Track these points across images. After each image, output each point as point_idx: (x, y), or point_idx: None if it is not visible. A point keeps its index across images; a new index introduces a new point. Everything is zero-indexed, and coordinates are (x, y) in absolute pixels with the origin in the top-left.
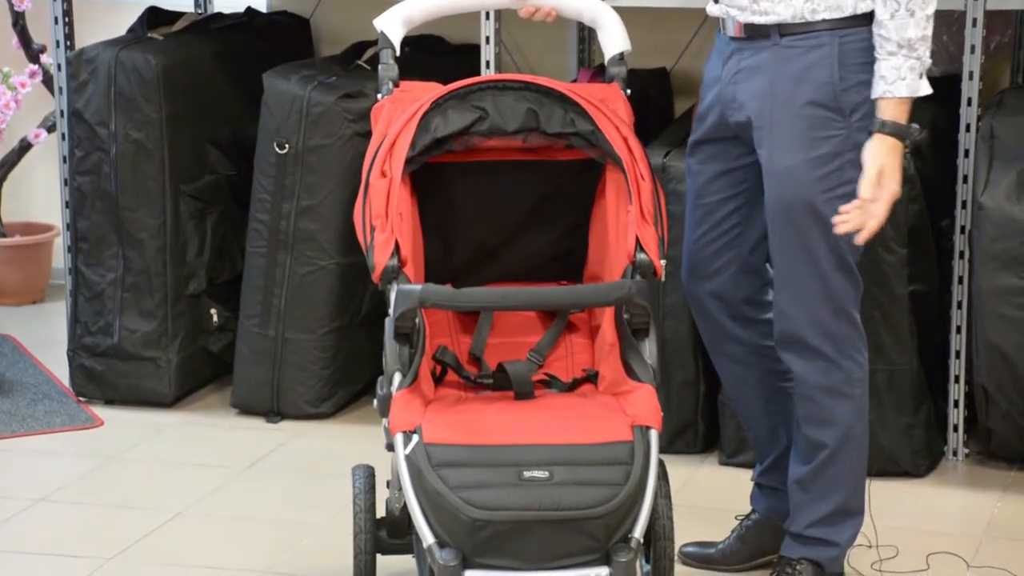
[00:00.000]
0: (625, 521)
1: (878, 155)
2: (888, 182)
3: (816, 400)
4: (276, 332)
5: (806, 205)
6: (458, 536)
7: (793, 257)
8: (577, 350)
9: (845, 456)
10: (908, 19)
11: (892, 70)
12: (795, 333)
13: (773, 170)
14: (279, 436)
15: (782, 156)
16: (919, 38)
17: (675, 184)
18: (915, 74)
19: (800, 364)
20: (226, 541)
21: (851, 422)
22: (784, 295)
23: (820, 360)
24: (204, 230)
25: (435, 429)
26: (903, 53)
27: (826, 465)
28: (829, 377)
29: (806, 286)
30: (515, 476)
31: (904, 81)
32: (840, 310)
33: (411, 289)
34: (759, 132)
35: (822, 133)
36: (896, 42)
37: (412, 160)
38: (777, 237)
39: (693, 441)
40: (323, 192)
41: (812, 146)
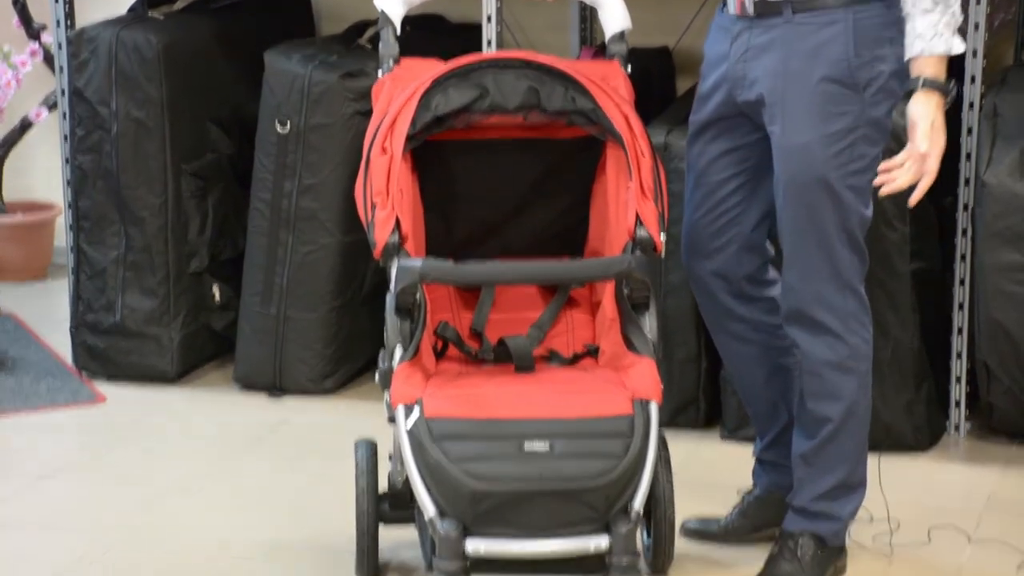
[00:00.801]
0: (625, 492)
1: (927, 110)
2: (938, 136)
3: (822, 375)
4: (278, 310)
5: (819, 181)
6: (459, 507)
7: (803, 233)
8: (578, 325)
9: (849, 430)
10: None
11: (929, 27)
12: (802, 309)
13: (786, 147)
14: (282, 413)
15: (796, 133)
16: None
17: (677, 162)
18: (950, 31)
19: (807, 339)
20: (229, 517)
21: (856, 397)
22: (792, 271)
23: (827, 335)
24: (205, 209)
25: (436, 402)
26: (939, 9)
27: (830, 439)
28: (835, 352)
29: (815, 262)
30: (516, 448)
31: (942, 37)
32: (847, 286)
33: (412, 264)
34: (771, 109)
35: (837, 109)
36: None
37: (413, 137)
38: (787, 214)
39: (695, 417)
40: (324, 171)
41: (827, 122)
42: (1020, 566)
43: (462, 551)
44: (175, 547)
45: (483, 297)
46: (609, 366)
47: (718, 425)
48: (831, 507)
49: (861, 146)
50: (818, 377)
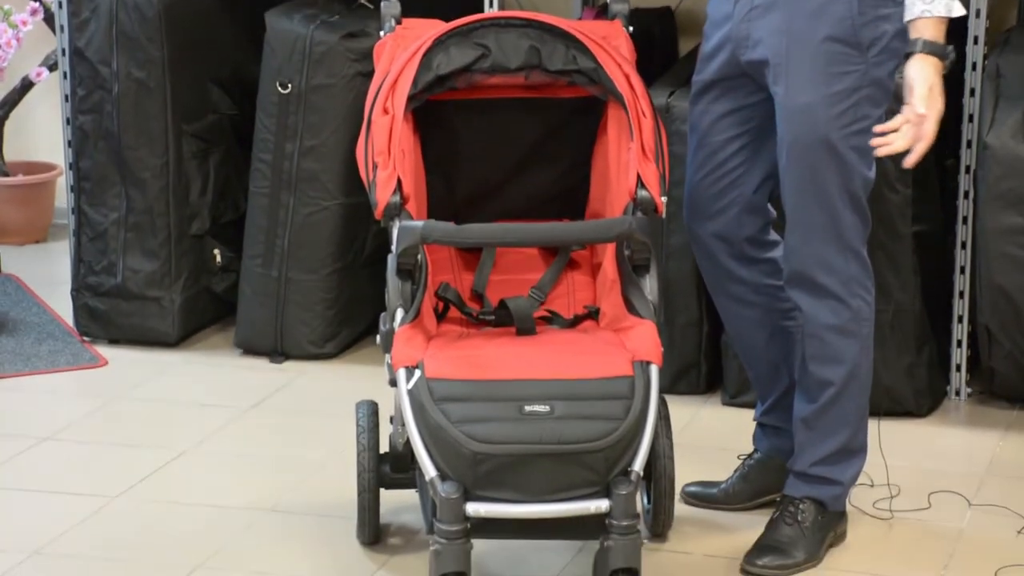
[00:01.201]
0: (625, 454)
1: (925, 74)
2: (936, 100)
3: (823, 338)
4: (279, 272)
5: (822, 142)
6: (460, 469)
7: (805, 195)
8: (578, 287)
9: (850, 394)
10: None
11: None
12: (804, 271)
13: (790, 107)
14: (283, 376)
15: (799, 93)
16: None
17: (679, 124)
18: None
19: (808, 302)
20: (231, 480)
21: (858, 361)
22: (795, 233)
23: (829, 298)
24: (207, 170)
25: (437, 364)
26: None
27: (832, 404)
28: (837, 316)
29: (817, 224)
30: (516, 410)
31: (942, 0)
32: (849, 248)
33: (413, 225)
34: (775, 69)
35: (840, 69)
36: None
37: (414, 97)
38: (790, 175)
39: (696, 382)
40: (326, 132)
41: (830, 82)
42: (1021, 531)
43: (463, 513)
44: (176, 510)
45: (484, 259)
46: (609, 328)
47: (719, 390)
48: (832, 471)
49: (864, 106)
50: (819, 340)
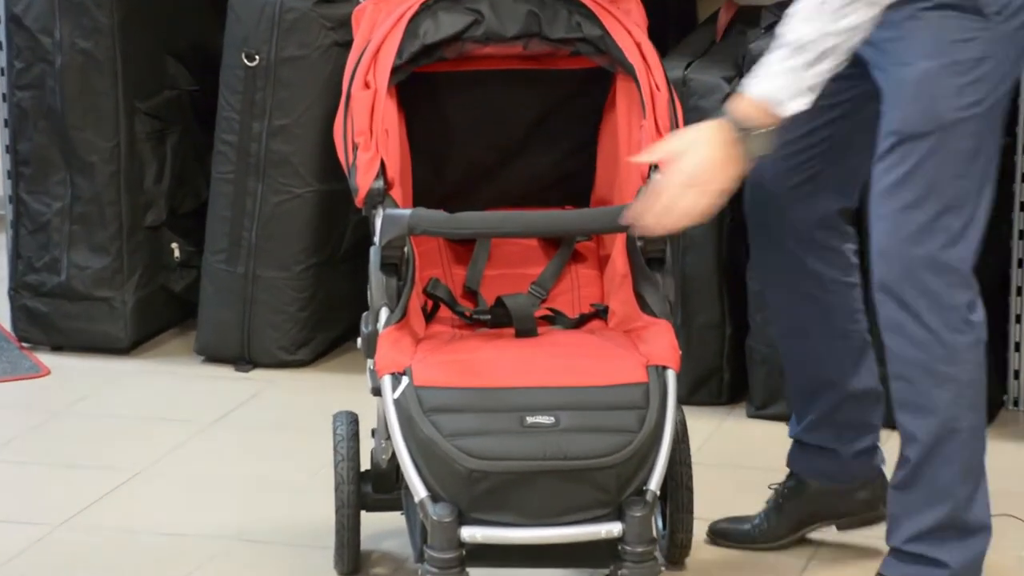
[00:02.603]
0: (639, 472)
1: (693, 132)
2: (679, 172)
3: (909, 379)
4: (246, 269)
5: (931, 123)
6: (454, 489)
7: (904, 187)
8: (584, 282)
9: (947, 455)
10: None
11: (765, 63)
12: (890, 284)
13: (893, 82)
14: (250, 386)
15: (905, 66)
16: (808, 43)
17: (697, 99)
18: (791, 86)
19: (892, 327)
20: (190, 504)
21: (954, 412)
22: (885, 234)
23: (917, 326)
24: (163, 153)
25: (427, 370)
26: (789, 52)
27: (922, 465)
28: (926, 351)
29: (914, 227)
30: (517, 422)
31: (771, 80)
32: (952, 264)
33: (399, 214)
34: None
35: (956, 36)
36: (790, 34)
37: (399, 69)
38: (886, 162)
39: (717, 390)
40: (298, 109)
41: (943, 53)
42: None
43: (457, 538)
44: (128, 540)
45: (478, 251)
46: (620, 328)
47: (744, 401)
48: (933, 550)
49: (988, 82)
50: (903, 381)
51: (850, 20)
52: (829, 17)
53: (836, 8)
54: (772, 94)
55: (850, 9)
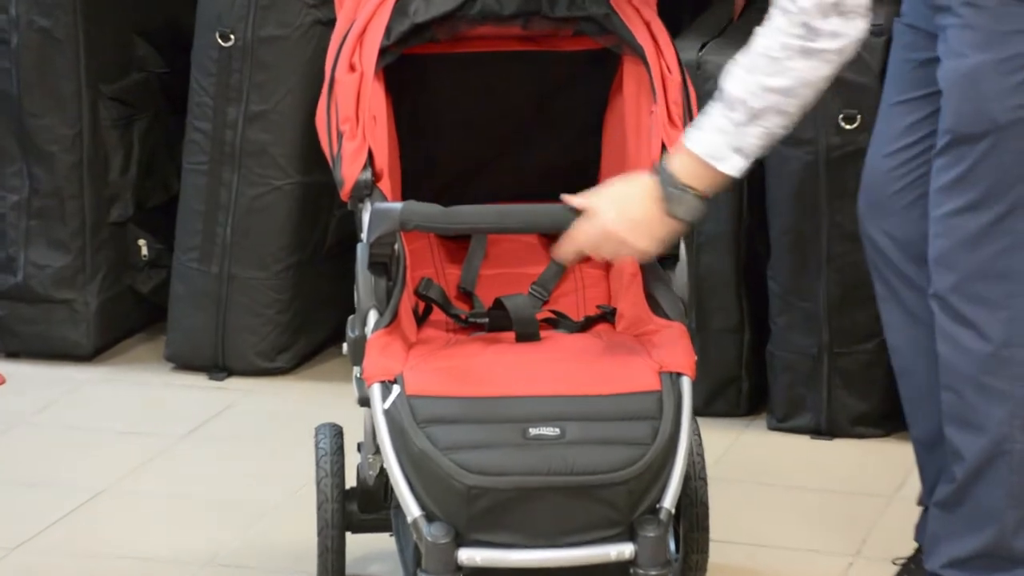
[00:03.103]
0: (653, 488)
1: (621, 184)
2: (600, 223)
3: (959, 392)
4: (220, 268)
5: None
6: (450, 507)
7: (959, 189)
8: (590, 282)
9: (995, 477)
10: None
11: (703, 114)
12: (944, 294)
13: (948, 75)
14: (225, 396)
15: (959, 57)
16: (739, 100)
17: (712, 83)
18: (723, 137)
19: (944, 336)
20: (159, 526)
21: (1007, 432)
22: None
23: (972, 337)
24: (130, 141)
25: (420, 378)
26: (722, 106)
27: (968, 485)
28: (980, 363)
29: (970, 232)
30: (519, 434)
31: (704, 134)
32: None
33: (389, 208)
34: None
35: (1014, 27)
36: (726, 87)
37: (387, 51)
38: (942, 160)
39: (735, 400)
40: (278, 94)
41: (999, 45)
42: None
43: (454, 562)
44: (91, 565)
45: (473, 249)
46: (629, 332)
47: (764, 412)
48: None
49: None
50: (953, 394)
51: (786, 79)
52: (763, 72)
53: (769, 63)
54: (708, 150)
55: (784, 66)
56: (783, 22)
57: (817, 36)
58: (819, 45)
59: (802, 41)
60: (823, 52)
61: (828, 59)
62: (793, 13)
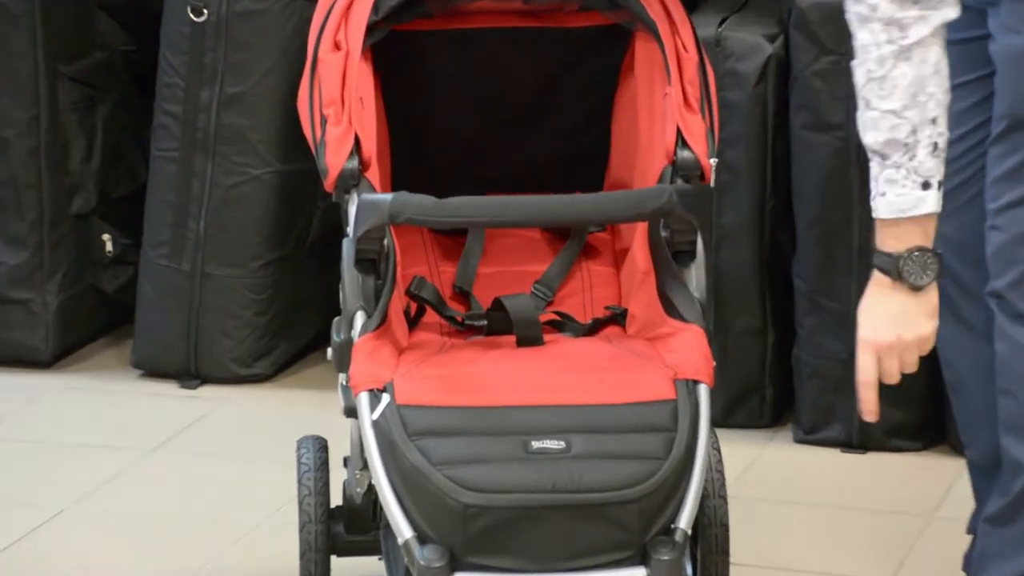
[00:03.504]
0: (667, 507)
1: (862, 307)
2: (869, 347)
3: (1018, 396)
4: (193, 266)
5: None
6: (445, 528)
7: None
8: (598, 281)
9: None
10: (864, 113)
11: (871, 181)
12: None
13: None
14: (198, 406)
15: (1016, 34)
16: (884, 143)
17: (733, 62)
18: (899, 187)
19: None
20: (126, 548)
21: None
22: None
23: None
24: (93, 126)
25: (412, 386)
26: (877, 160)
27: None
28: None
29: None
30: (520, 447)
31: (883, 197)
32: None
33: (378, 199)
34: None
35: None
36: (865, 144)
37: (375, 27)
38: (998, 148)
39: (758, 410)
40: (256, 74)
41: None
42: None
43: None
44: None
45: (470, 245)
46: (642, 335)
47: (790, 422)
48: None
49: None
50: (1011, 398)
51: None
52: (880, 98)
53: (879, 86)
54: (899, 206)
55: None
56: (866, 35)
57: (906, 30)
58: (911, 38)
59: (893, 44)
60: (920, 43)
61: (928, 44)
62: (872, 19)
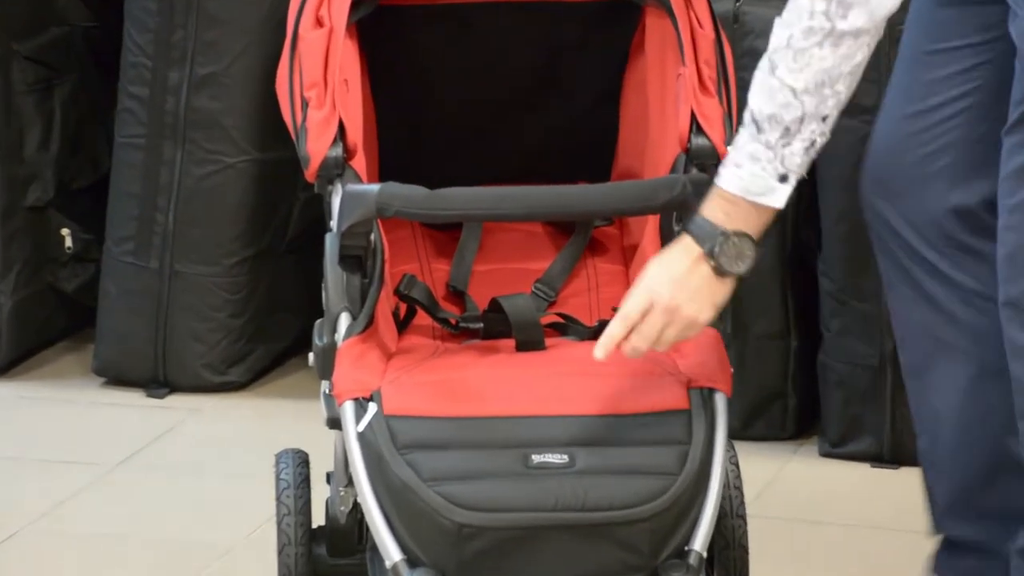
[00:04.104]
0: (680, 527)
1: (657, 260)
2: (645, 303)
3: None
4: (161, 263)
5: None
6: (438, 550)
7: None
8: (605, 280)
9: None
10: (764, 77)
11: (733, 147)
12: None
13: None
14: (166, 417)
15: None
16: (768, 117)
17: (752, 39)
18: (759, 167)
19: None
20: (87, 572)
21: None
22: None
23: None
24: (50, 110)
25: (401, 395)
26: (751, 129)
27: None
28: None
29: None
30: (519, 462)
31: (738, 170)
32: None
33: (365, 190)
34: None
35: None
36: (749, 107)
37: (361, 2)
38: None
39: (780, 421)
40: (230, 54)
41: None
42: None
43: None
44: None
45: (465, 240)
46: None
47: (815, 434)
48: None
49: None
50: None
51: (815, 73)
52: (788, 69)
53: (793, 57)
54: (747, 185)
55: (812, 56)
56: None
57: (848, 11)
58: (849, 23)
59: (828, 21)
60: (855, 34)
61: (861, 41)
62: None
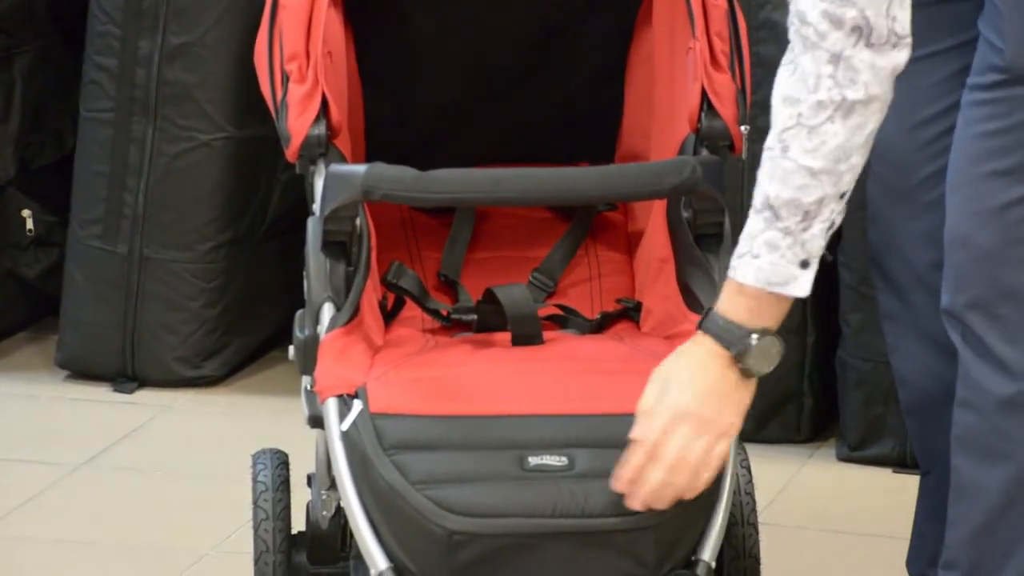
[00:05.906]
0: (687, 535)
1: (673, 361)
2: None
3: (981, 413)
4: (130, 248)
5: None
6: (427, 558)
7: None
8: (608, 270)
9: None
10: (778, 159)
11: (746, 236)
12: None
13: None
14: (136, 413)
15: None
16: (786, 202)
17: (769, 11)
18: (778, 255)
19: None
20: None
21: (1014, 494)
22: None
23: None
24: (10, 82)
25: (388, 391)
26: (765, 216)
27: (992, 527)
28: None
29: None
30: (515, 464)
31: (756, 260)
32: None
33: (350, 171)
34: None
35: None
36: (761, 192)
37: None
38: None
39: (795, 423)
40: (204, 23)
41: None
42: None
43: None
44: None
45: (457, 226)
46: (658, 333)
47: (832, 437)
48: None
49: None
50: (974, 415)
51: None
52: (803, 149)
53: (807, 136)
54: (768, 277)
55: (825, 132)
56: (809, 63)
57: (856, 76)
58: (860, 92)
59: (837, 91)
60: (867, 103)
61: (873, 109)
62: (820, 47)
